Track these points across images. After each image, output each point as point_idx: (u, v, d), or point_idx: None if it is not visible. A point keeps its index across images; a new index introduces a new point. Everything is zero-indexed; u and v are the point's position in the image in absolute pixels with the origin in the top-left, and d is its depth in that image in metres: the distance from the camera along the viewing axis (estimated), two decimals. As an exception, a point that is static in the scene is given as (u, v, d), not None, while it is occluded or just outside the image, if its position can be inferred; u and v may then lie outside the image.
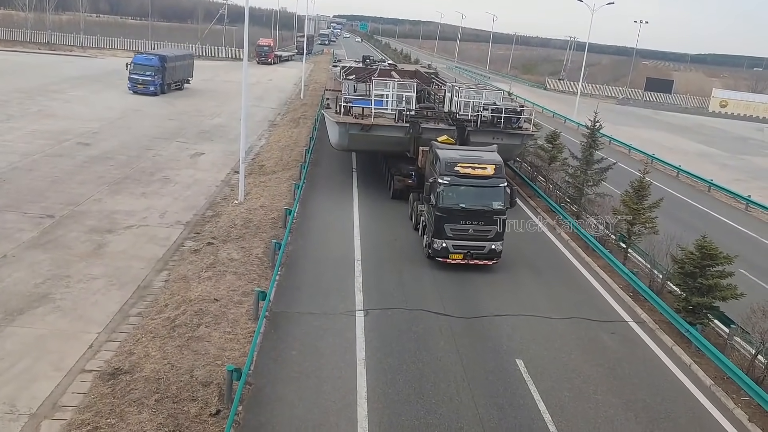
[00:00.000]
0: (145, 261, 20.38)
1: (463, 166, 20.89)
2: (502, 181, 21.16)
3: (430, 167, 22.97)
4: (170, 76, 57.35)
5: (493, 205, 20.91)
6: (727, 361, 15.82)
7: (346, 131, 26.94)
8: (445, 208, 20.70)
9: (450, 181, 20.71)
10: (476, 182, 20.89)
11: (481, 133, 27.40)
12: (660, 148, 48.39)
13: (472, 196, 20.83)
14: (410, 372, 14.88)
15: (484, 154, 22.25)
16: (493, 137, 26.81)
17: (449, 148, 23.27)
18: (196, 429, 12.33)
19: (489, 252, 21.13)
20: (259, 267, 20.07)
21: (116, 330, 16.06)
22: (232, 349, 15.16)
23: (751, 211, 33.83)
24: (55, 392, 13.33)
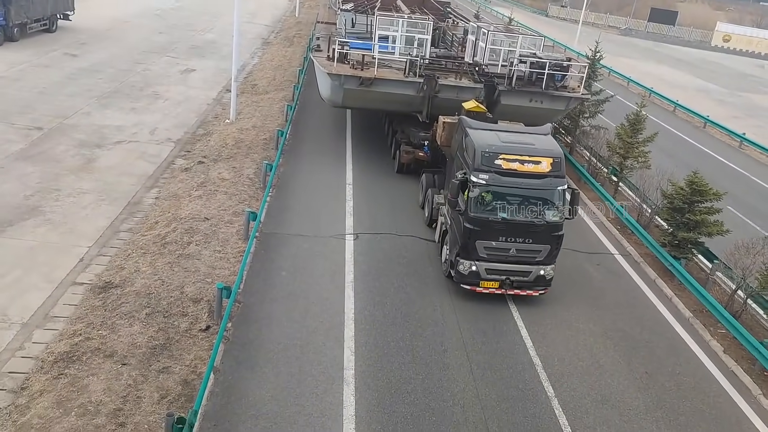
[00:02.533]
0: (135, 177, 20.26)
1: (508, 158, 14.69)
2: (561, 181, 14.89)
3: (458, 154, 16.40)
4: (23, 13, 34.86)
5: (546, 217, 14.83)
6: (707, 295, 16.19)
7: (340, 85, 20.77)
8: (478, 219, 14.66)
9: (488, 181, 14.58)
10: (525, 184, 14.69)
11: (515, 94, 21.08)
12: (659, 81, 47.77)
13: (518, 204, 14.77)
14: (398, 296, 15.15)
15: (535, 139, 15.82)
16: (531, 99, 21.15)
17: (485, 127, 16.22)
18: (186, 343, 12.61)
19: (536, 280, 15.17)
20: (250, 188, 20.03)
21: (107, 245, 16.14)
22: (222, 268, 15.32)
23: (744, 149, 33.81)
24: (47, 303, 13.51)
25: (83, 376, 11.36)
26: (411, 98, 21.05)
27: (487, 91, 21.04)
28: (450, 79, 21.26)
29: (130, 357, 11.96)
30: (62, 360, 11.67)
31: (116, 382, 11.28)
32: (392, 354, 13.03)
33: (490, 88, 21.10)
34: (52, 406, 10.59)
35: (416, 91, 20.86)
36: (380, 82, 20.72)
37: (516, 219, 14.72)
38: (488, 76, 21.51)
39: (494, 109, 20.62)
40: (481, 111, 18.44)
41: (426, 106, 21.16)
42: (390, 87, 20.83)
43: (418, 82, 20.72)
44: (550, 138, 16.26)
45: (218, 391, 11.47)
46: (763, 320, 15.94)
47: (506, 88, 21.01)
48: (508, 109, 20.96)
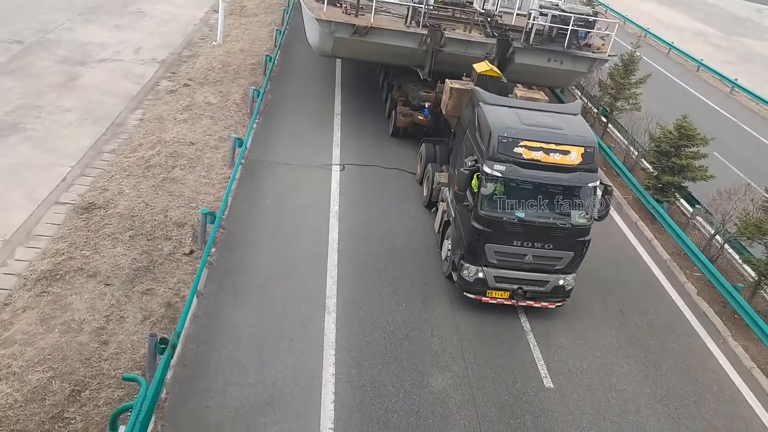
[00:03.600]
0: (119, 97, 19.83)
1: (531, 146, 12.10)
2: (593, 176, 12.45)
3: (469, 133, 13.69)
4: None
5: (573, 218, 12.42)
6: (686, 239, 16.46)
7: (330, 33, 17.73)
8: (490, 218, 12.19)
9: (505, 174, 12.07)
10: (550, 178, 12.22)
11: (531, 52, 18.39)
12: (656, 22, 46.97)
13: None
14: (382, 228, 15.22)
15: (564, 120, 13.08)
16: (549, 59, 18.63)
17: (503, 103, 13.48)
18: (169, 266, 12.68)
19: (553, 290, 12.92)
20: (237, 113, 19.73)
21: (89, 165, 15.94)
22: (207, 193, 15.26)
23: (735, 95, 33.68)
24: (29, 221, 13.44)
25: (66, 294, 11.44)
26: (412, 52, 18.33)
27: (500, 48, 18.33)
28: (458, 32, 18.48)
29: (113, 278, 12.03)
30: (45, 278, 11.71)
31: (99, 302, 11.38)
32: (374, 285, 13.20)
33: (503, 44, 18.33)
34: (36, 323, 10.70)
35: (418, 43, 18.04)
36: (377, 32, 17.74)
37: (536, 220, 12.20)
38: (502, 30, 18.79)
39: (506, 67, 18.32)
40: (496, 75, 15.84)
41: (429, 62, 18.45)
42: (388, 38, 17.91)
43: (420, 34, 17.87)
44: (581, 120, 13.48)
45: (201, 314, 11.63)
46: (738, 265, 16.30)
47: (522, 46, 18.29)
48: (523, 68, 18.75)
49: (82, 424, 9.07)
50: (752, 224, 15.07)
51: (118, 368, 10.05)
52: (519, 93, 15.15)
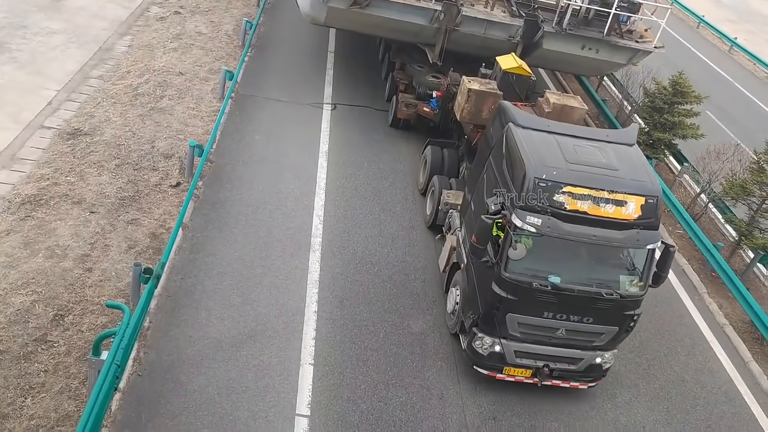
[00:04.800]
0: (108, 22, 19.29)
1: (577, 192, 9.28)
2: (653, 236, 9.58)
3: (492, 160, 10.76)
4: None
5: (622, 287, 9.66)
6: (671, 195, 16.59)
7: (324, 2, 14.92)
8: (515, 283, 9.44)
9: (541, 229, 9.18)
10: (599, 237, 9.33)
11: (563, 37, 15.59)
12: (660, -26, 46.03)
13: (582, 265, 9.88)
14: (370, 169, 15.17)
15: (617, 155, 10.10)
16: (583, 46, 15.87)
17: (539, 126, 10.44)
18: (155, 197, 12.62)
19: (587, 369, 10.29)
20: (228, 45, 19.32)
21: (76, 90, 15.62)
22: (195, 126, 15.08)
23: (733, 54, 33.38)
24: (14, 144, 13.24)
25: (51, 220, 11.39)
26: (420, 29, 15.63)
27: (526, 31, 15.54)
28: (477, 8, 15.61)
29: (98, 206, 11.97)
30: (29, 202, 11.64)
31: (84, 229, 11.36)
32: (360, 226, 13.25)
33: (531, 26, 15.51)
34: (19, 246, 10.69)
35: (429, 20, 15.26)
36: (380, 4, 14.89)
37: (574, 288, 9.44)
38: (530, 9, 16.01)
39: (531, 53, 15.90)
40: (525, 74, 13.45)
41: (440, 43, 15.67)
42: (393, 12, 15.08)
43: (433, 10, 15.08)
44: (639, 154, 10.47)
45: (186, 246, 11.66)
46: (720, 224, 16.51)
47: (554, 30, 15.44)
48: (550, 55, 16.19)
49: (65, 347, 9.19)
50: (738, 185, 15.20)
51: (102, 295, 10.12)
52: (552, 98, 12.26)
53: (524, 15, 15.68)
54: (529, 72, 13.54)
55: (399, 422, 9.37)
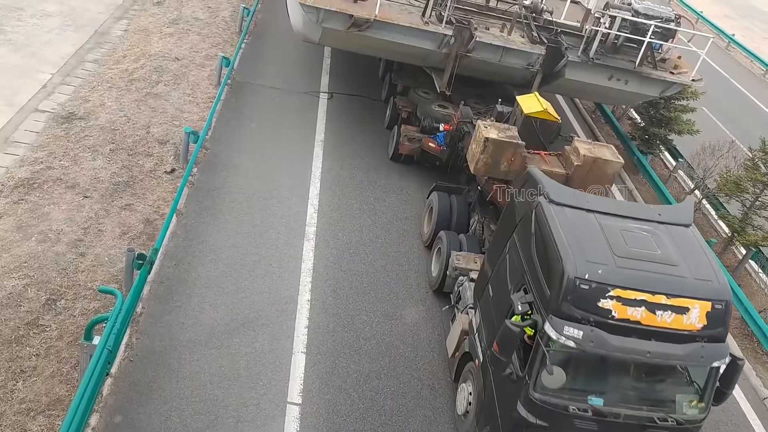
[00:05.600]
0: (104, 5, 19.15)
1: (628, 297, 7.32)
2: (721, 349, 7.57)
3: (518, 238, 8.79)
4: None
5: (678, 408, 7.80)
6: (666, 191, 16.64)
7: (318, 22, 13.31)
8: (546, 406, 7.50)
9: (581, 344, 7.20)
10: (655, 354, 7.35)
11: (589, 67, 14.02)
12: (660, -31, 45.93)
13: (630, 381, 7.90)
14: (366, 159, 15.15)
15: (673, 240, 8.16)
16: (611, 76, 14.24)
17: (576, 203, 8.36)
18: (150, 183, 12.58)
19: None
20: (225, 31, 19.22)
21: (71, 74, 15.52)
22: (191, 112, 15.01)
23: (731, 51, 33.41)
24: (7, 127, 13.15)
25: (44, 204, 11.34)
26: (428, 53, 13.99)
27: (548, 58, 13.93)
28: (493, 33, 13.91)
29: (92, 190, 11.92)
30: (23, 186, 11.58)
31: (77, 214, 11.31)
32: (354, 216, 13.24)
33: (553, 54, 13.90)
34: (12, 230, 10.64)
35: (437, 45, 13.61)
36: (383, 26, 13.25)
37: (620, 413, 7.53)
38: (552, 33, 14.38)
39: (551, 81, 14.52)
40: (551, 120, 11.67)
41: (449, 70, 13.95)
42: (397, 35, 13.44)
43: (442, 34, 13.41)
44: (697, 238, 8.46)
45: (180, 233, 11.63)
46: (713, 220, 16.58)
47: (579, 59, 13.89)
48: (573, 85, 14.79)
49: (57, 332, 9.17)
50: (732, 181, 15.25)
51: (95, 280, 10.10)
52: (582, 149, 10.83)
53: (546, 41, 14.03)
54: (555, 117, 11.75)
55: (390, 412, 9.41)
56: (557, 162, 11.07)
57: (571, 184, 10.20)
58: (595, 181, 10.58)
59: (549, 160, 10.91)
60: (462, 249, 11.24)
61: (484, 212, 11.87)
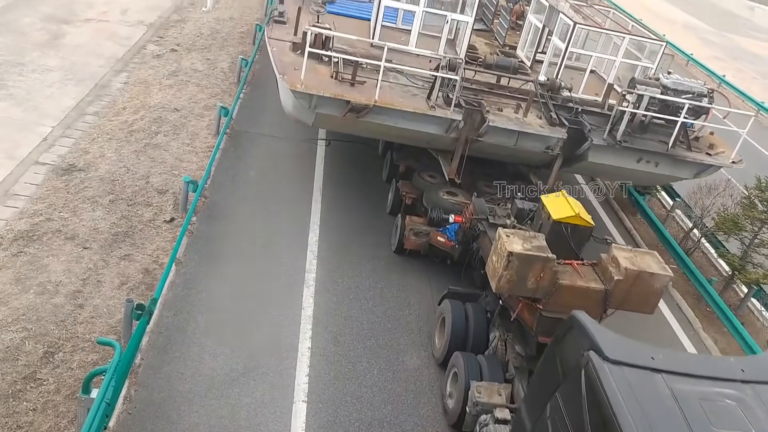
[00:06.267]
0: (104, 59, 19.51)
1: None
2: None
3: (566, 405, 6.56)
4: None
5: None
6: (664, 230, 16.67)
7: (311, 108, 12.25)
8: None
9: None
10: None
11: (615, 151, 12.91)
12: (648, 12, 46.99)
13: None
14: (365, 203, 15.19)
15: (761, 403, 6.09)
16: (640, 159, 13.10)
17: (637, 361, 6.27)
18: (149, 233, 12.59)
19: None
20: (224, 82, 19.53)
21: (71, 126, 15.70)
22: (190, 161, 15.13)
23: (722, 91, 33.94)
24: (8, 180, 13.23)
25: (43, 255, 11.32)
26: (433, 137, 12.86)
27: (570, 141, 12.79)
28: (507, 114, 12.75)
29: (91, 241, 11.92)
30: (22, 238, 11.58)
31: (76, 265, 11.29)
32: (354, 261, 13.21)
33: (575, 137, 12.76)
34: (11, 282, 10.59)
35: (445, 129, 12.48)
36: (383, 111, 12.14)
37: None
38: (572, 113, 13.13)
39: (572, 164, 13.50)
40: (584, 225, 9.93)
41: (459, 155, 12.69)
42: (400, 120, 12.32)
43: (450, 119, 12.27)
44: None
45: (179, 282, 11.58)
46: (713, 259, 16.56)
47: (605, 142, 12.77)
48: (597, 168, 13.86)
49: (55, 385, 9.04)
50: (729, 219, 15.29)
51: (93, 332, 10.00)
52: (622, 258, 9.31)
53: (566, 123, 12.81)
54: (589, 222, 9.97)
55: (393, 461, 9.21)
56: (593, 275, 9.52)
57: (611, 301, 9.24)
58: (640, 298, 9.30)
59: (584, 273, 9.45)
60: (483, 376, 9.59)
61: (507, 329, 10.15)
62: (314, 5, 14.96)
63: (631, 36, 14.95)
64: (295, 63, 12.54)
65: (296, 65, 12.21)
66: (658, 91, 12.73)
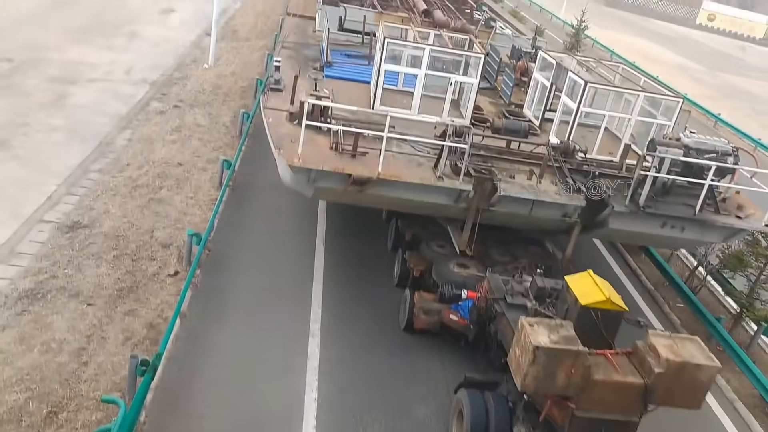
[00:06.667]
0: (109, 117, 19.83)
1: None
2: None
3: None
4: None
5: None
6: (670, 269, 16.61)
7: (310, 182, 11.77)
8: None
9: None
10: None
11: (638, 218, 12.17)
12: (641, 56, 47.83)
13: None
14: (366, 252, 15.18)
15: None
16: (664, 224, 12.34)
17: None
18: (153, 287, 12.58)
19: None
20: (226, 136, 19.80)
21: (76, 184, 15.86)
22: (193, 214, 15.23)
23: (718, 130, 34.27)
24: (13, 239, 13.30)
25: (47, 314, 11.30)
26: (441, 207, 12.26)
27: (589, 207, 12.06)
28: (519, 181, 11.98)
29: (95, 297, 11.91)
30: (26, 297, 11.57)
31: (81, 322, 11.25)
32: (360, 312, 13.12)
33: (595, 202, 12.01)
34: (15, 342, 10.54)
35: (454, 199, 11.85)
36: (386, 183, 11.53)
37: None
38: (590, 177, 12.27)
39: (591, 231, 12.93)
40: (615, 309, 9.11)
41: (469, 227, 12.04)
42: (405, 191, 11.72)
43: (459, 190, 11.63)
44: None
45: (184, 336, 11.52)
46: (720, 297, 16.44)
47: (627, 209, 12.01)
48: (617, 234, 13.39)
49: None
50: (734, 256, 15.26)
51: (98, 390, 9.90)
52: (661, 348, 8.55)
53: (584, 189, 12.01)
54: (621, 306, 9.14)
55: None
56: (629, 366, 8.63)
57: (651, 397, 8.43)
58: (685, 393, 8.44)
59: (619, 364, 8.53)
60: None
61: (534, 425, 9.06)
62: (311, 72, 14.19)
63: (645, 93, 14.18)
64: (292, 134, 12.03)
65: (293, 137, 11.76)
66: (680, 152, 11.99)
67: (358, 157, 11.69)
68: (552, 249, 13.73)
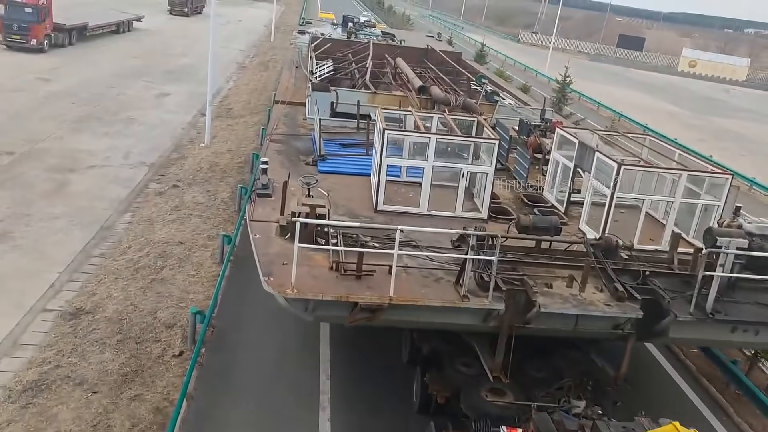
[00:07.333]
0: (108, 201, 20.05)
1: None
2: None
3: None
4: None
5: None
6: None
7: (309, 311, 10.15)
8: None
9: None
10: None
11: (705, 325, 10.34)
12: (629, 106, 48.75)
13: None
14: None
15: None
16: (734, 329, 10.59)
17: None
18: (158, 369, 12.42)
19: None
20: (225, 211, 19.95)
21: (78, 270, 15.89)
22: (196, 292, 15.19)
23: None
24: (16, 330, 13.23)
25: (52, 405, 11.11)
26: (468, 328, 10.75)
27: (645, 318, 10.16)
28: (560, 293, 10.17)
29: (100, 385, 11.74)
30: (31, 389, 11.41)
31: (86, 411, 11.05)
32: (369, 381, 12.91)
33: (652, 311, 10.19)
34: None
35: (482, 319, 10.13)
36: (402, 307, 9.74)
37: None
38: (641, 279, 10.60)
39: (649, 340, 11.92)
40: None
41: (502, 349, 10.19)
42: (423, 314, 10.02)
43: (487, 310, 9.88)
44: None
45: (191, 418, 11.29)
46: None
47: (692, 317, 10.10)
48: (679, 342, 12.43)
49: None
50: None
51: (106, 481, 9.65)
52: None
53: (638, 296, 10.17)
54: None
55: None
56: None
57: None
58: None
59: None
60: None
61: None
62: (303, 177, 12.13)
63: (689, 172, 12.41)
64: (283, 254, 10.25)
65: (285, 257, 9.98)
66: (745, 242, 10.33)
67: (364, 277, 9.92)
68: (601, 363, 11.60)
